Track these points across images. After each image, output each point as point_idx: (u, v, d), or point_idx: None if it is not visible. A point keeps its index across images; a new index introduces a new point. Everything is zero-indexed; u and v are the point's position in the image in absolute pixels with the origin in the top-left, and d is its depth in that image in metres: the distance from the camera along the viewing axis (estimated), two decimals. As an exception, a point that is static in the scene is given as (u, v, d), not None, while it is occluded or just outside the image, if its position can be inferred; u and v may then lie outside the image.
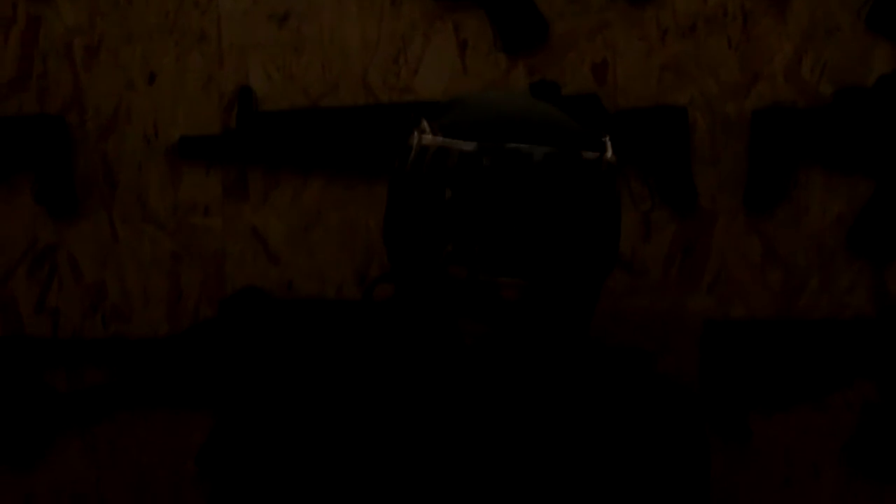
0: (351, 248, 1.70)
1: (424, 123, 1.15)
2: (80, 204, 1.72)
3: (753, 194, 1.64)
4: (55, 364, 1.73)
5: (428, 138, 1.13)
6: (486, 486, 1.15)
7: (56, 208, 1.69)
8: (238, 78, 1.69)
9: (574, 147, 1.13)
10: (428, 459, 1.16)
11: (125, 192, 1.72)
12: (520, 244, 1.11)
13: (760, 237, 1.68)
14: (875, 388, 1.67)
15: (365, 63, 1.69)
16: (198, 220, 1.72)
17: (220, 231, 1.72)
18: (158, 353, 1.70)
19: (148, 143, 1.71)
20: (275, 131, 1.66)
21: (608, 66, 1.67)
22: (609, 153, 1.15)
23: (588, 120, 1.59)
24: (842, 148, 1.63)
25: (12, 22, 1.71)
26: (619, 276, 1.68)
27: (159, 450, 1.74)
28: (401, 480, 1.16)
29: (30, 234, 1.73)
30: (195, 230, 1.72)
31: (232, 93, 1.69)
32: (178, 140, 1.68)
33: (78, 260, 1.73)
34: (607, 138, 1.17)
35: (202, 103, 1.70)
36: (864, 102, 1.61)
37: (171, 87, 1.70)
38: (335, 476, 1.17)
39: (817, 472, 1.69)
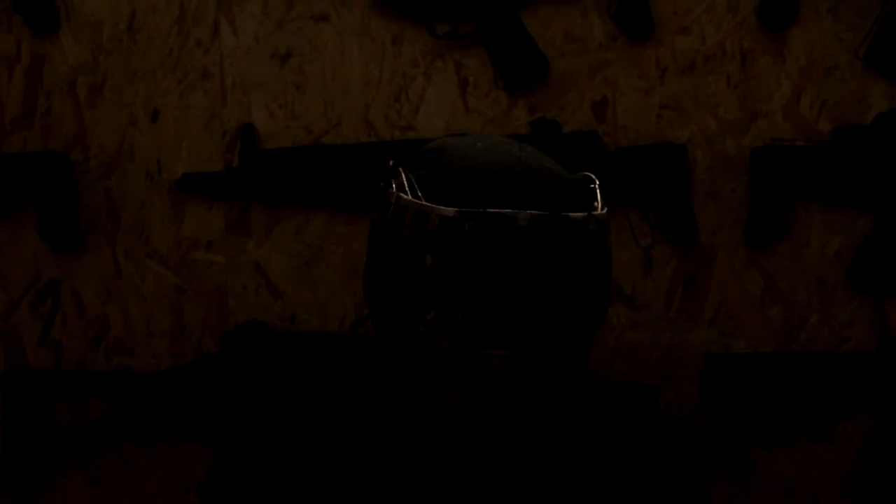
0: (353, 283, 1.71)
1: (402, 177, 1.08)
2: (84, 239, 1.73)
3: (753, 229, 1.65)
4: (58, 396, 1.74)
5: (406, 199, 1.07)
6: None
7: (60, 243, 1.70)
8: (241, 115, 1.70)
9: (560, 207, 1.06)
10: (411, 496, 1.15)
11: (128, 228, 1.72)
12: (506, 314, 1.04)
13: (761, 272, 1.68)
14: (876, 421, 1.67)
15: (367, 101, 1.69)
16: (201, 255, 1.72)
17: (223, 266, 1.72)
18: (161, 386, 1.70)
19: (151, 179, 1.72)
20: (277, 168, 1.66)
21: (608, 103, 1.68)
22: (598, 207, 1.09)
23: (586, 159, 1.60)
24: (841, 184, 1.63)
25: (16, 60, 1.72)
26: (620, 311, 1.69)
27: (162, 481, 1.75)
28: None
29: (34, 268, 1.74)
30: (198, 265, 1.73)
31: (235, 130, 1.70)
32: (181, 176, 1.69)
33: (81, 294, 1.74)
34: (597, 185, 1.11)
35: (205, 140, 1.71)
36: (863, 140, 1.62)
37: (175, 125, 1.71)
38: None
39: (819, 504, 1.70)
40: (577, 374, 1.19)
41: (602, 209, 1.09)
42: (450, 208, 1.04)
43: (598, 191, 1.11)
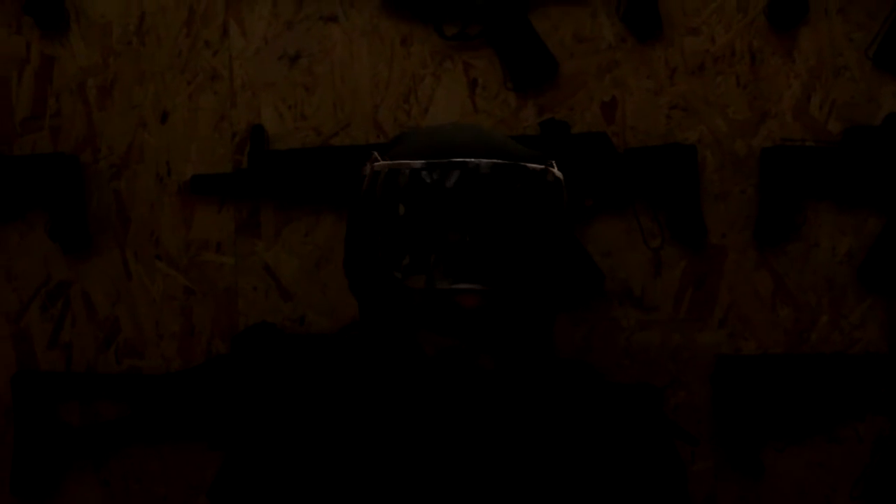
0: (362, 284, 1.70)
1: (376, 154, 1.20)
2: (94, 241, 1.73)
3: (763, 230, 1.65)
4: (69, 398, 1.74)
5: (379, 164, 1.18)
6: (463, 497, 1.17)
7: (70, 245, 1.70)
8: (250, 117, 1.70)
9: (519, 160, 1.17)
10: (411, 476, 1.18)
11: (138, 230, 1.73)
12: (474, 251, 1.14)
13: (771, 273, 1.68)
14: (887, 422, 1.67)
15: (376, 102, 1.70)
16: (210, 256, 1.73)
17: (233, 267, 1.73)
18: (171, 388, 1.70)
19: (160, 181, 1.72)
20: (287, 169, 1.67)
21: (617, 104, 1.67)
22: (555, 170, 1.19)
23: (595, 160, 1.61)
24: (851, 185, 1.63)
25: (26, 62, 1.72)
26: (630, 312, 1.69)
27: (172, 483, 1.75)
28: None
29: (44, 270, 1.75)
30: (208, 267, 1.73)
31: (244, 131, 1.70)
32: (190, 178, 1.70)
33: (91, 296, 1.74)
34: (553, 163, 1.21)
35: (214, 142, 1.71)
36: (873, 140, 1.61)
37: (184, 126, 1.71)
38: None
39: (829, 507, 1.69)
40: (545, 333, 1.25)
41: (559, 173, 1.20)
42: (418, 161, 1.15)
43: (554, 165, 1.21)
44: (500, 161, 1.15)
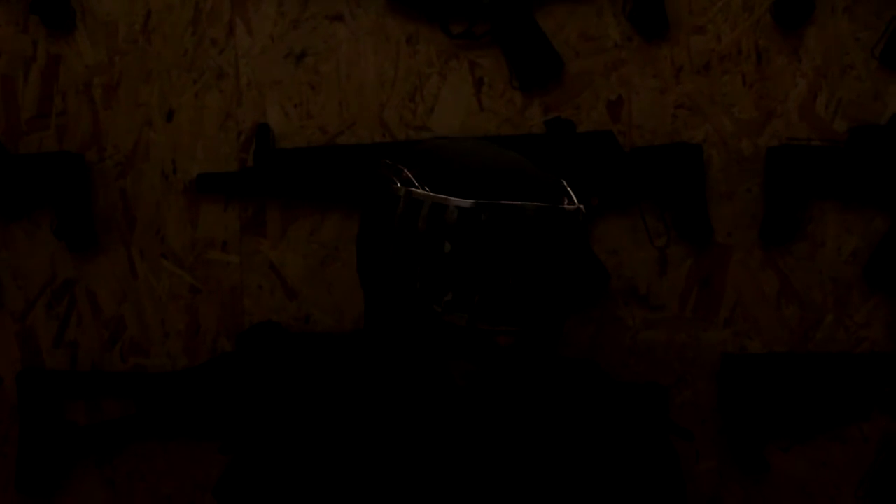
0: (368, 283, 1.71)
1: (406, 173, 1.20)
2: (99, 239, 1.73)
3: (769, 229, 1.65)
4: (74, 397, 1.75)
5: (419, 192, 1.17)
6: (468, 498, 1.20)
7: (75, 243, 1.70)
8: (256, 115, 1.70)
9: (554, 200, 1.19)
10: (419, 479, 1.20)
11: (144, 228, 1.73)
12: (516, 294, 1.16)
13: (776, 272, 1.68)
14: (892, 421, 1.67)
15: (381, 100, 1.70)
16: (216, 255, 1.73)
17: (238, 266, 1.73)
18: (177, 386, 1.70)
19: (166, 179, 1.72)
20: (292, 168, 1.67)
21: (623, 103, 1.67)
22: (572, 200, 1.22)
23: (601, 159, 1.61)
24: (857, 184, 1.63)
25: (32, 60, 1.72)
26: (635, 311, 1.69)
27: (177, 481, 1.75)
28: None
29: (49, 268, 1.75)
30: (213, 265, 1.73)
31: (250, 130, 1.70)
32: (196, 177, 1.69)
33: (97, 294, 1.74)
34: (565, 182, 1.24)
35: (220, 140, 1.71)
36: (879, 139, 1.61)
37: (190, 125, 1.71)
38: None
39: (834, 505, 1.69)
40: (553, 350, 1.29)
41: (580, 205, 1.22)
42: (467, 200, 1.14)
43: (569, 189, 1.24)
44: (544, 204, 1.16)
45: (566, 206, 1.19)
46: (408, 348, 1.22)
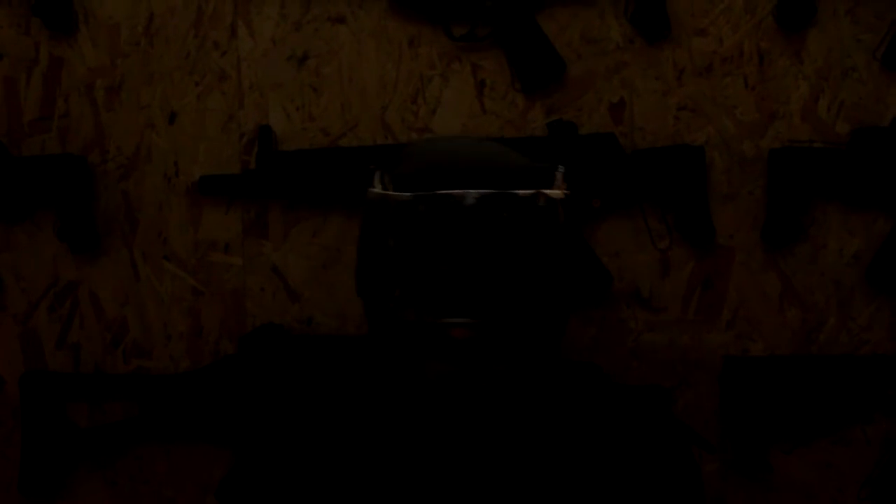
0: (370, 285, 1.71)
1: (377, 176, 1.21)
2: (102, 241, 1.73)
3: (771, 231, 1.65)
4: (77, 399, 1.75)
5: (373, 192, 1.20)
6: (469, 500, 1.19)
7: (78, 246, 1.71)
8: (258, 117, 1.71)
9: (508, 186, 1.15)
10: (418, 480, 1.20)
11: (146, 230, 1.73)
12: (463, 285, 1.14)
13: (778, 274, 1.68)
14: (895, 424, 1.66)
15: (383, 102, 1.70)
16: (218, 257, 1.73)
17: (241, 268, 1.73)
18: (179, 389, 1.70)
19: (168, 181, 1.72)
20: (294, 170, 1.67)
21: (625, 105, 1.67)
22: (553, 189, 1.18)
23: (603, 161, 1.61)
24: (859, 186, 1.63)
25: (35, 62, 1.73)
26: (637, 313, 1.69)
27: (180, 484, 1.75)
28: None
29: (52, 270, 1.75)
30: (215, 267, 1.73)
31: (252, 132, 1.70)
32: (198, 179, 1.70)
33: (99, 296, 1.75)
34: (560, 171, 1.20)
35: (222, 143, 1.71)
36: (881, 141, 1.61)
37: (192, 127, 1.72)
38: None
39: (837, 507, 1.69)
40: (549, 351, 1.25)
41: (560, 190, 1.18)
42: (405, 193, 1.15)
43: (560, 176, 1.20)
44: (486, 191, 1.14)
45: (519, 191, 1.15)
46: (388, 350, 1.23)
